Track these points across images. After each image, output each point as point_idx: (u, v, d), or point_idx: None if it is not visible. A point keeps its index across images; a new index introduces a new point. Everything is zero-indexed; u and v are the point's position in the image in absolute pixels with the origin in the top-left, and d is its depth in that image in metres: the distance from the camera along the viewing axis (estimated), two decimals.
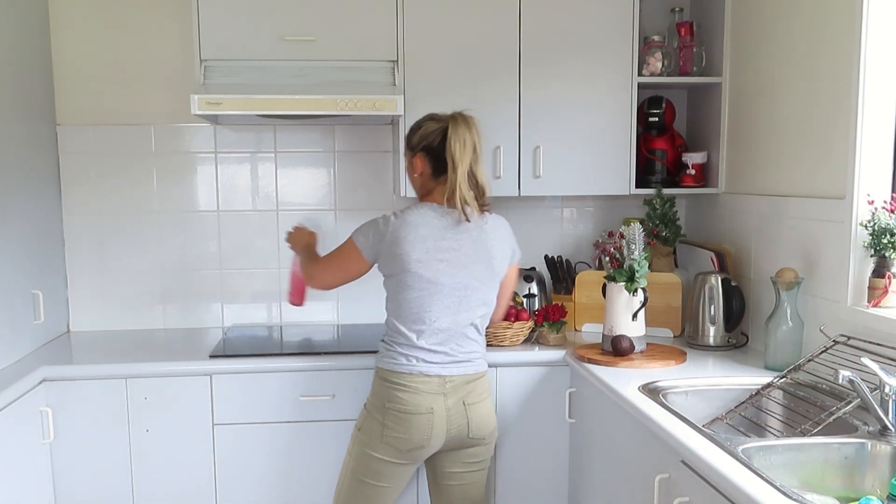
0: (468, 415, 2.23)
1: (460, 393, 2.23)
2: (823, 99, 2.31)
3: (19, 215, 2.62)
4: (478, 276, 2.23)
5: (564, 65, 2.82)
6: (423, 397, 2.18)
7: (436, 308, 2.19)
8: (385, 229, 2.19)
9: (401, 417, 2.18)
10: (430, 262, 2.17)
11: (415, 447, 2.20)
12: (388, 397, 2.20)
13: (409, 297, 2.20)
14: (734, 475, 1.55)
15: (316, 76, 2.73)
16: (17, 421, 2.31)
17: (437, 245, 2.17)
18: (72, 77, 2.98)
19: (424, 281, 2.17)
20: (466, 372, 2.24)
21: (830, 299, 2.26)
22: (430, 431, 2.19)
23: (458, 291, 2.20)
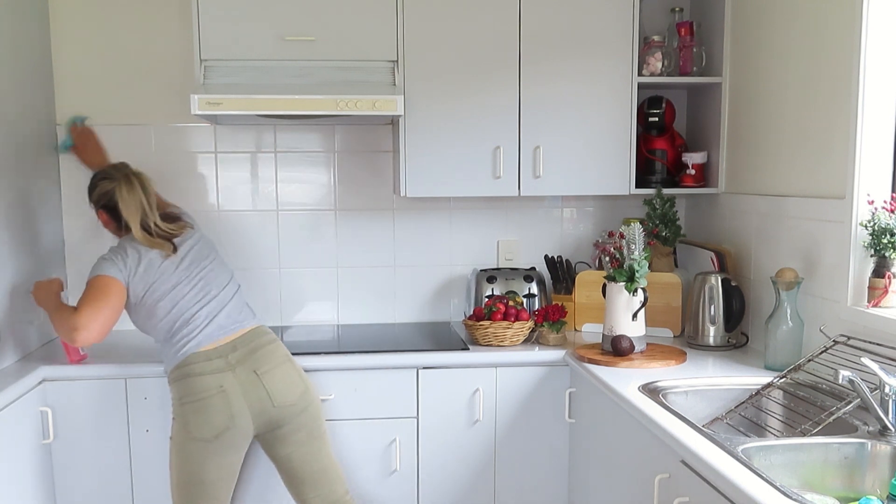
0: (264, 384, 2.29)
1: (249, 363, 2.30)
2: (823, 99, 2.31)
3: (19, 216, 2.62)
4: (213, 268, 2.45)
5: (564, 65, 2.82)
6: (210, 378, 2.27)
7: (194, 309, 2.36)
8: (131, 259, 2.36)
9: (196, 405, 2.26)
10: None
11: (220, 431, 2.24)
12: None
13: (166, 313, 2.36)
14: (734, 475, 1.55)
15: (316, 76, 2.73)
16: (17, 421, 2.31)
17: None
18: (72, 77, 2.98)
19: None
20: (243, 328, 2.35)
21: (830, 299, 2.26)
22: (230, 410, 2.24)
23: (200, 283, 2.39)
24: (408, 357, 2.64)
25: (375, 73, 2.76)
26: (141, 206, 2.40)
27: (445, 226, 3.20)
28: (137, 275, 2.34)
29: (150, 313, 2.35)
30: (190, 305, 2.34)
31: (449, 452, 2.69)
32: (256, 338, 2.36)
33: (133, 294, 2.34)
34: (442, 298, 3.23)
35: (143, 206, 2.40)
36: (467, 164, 2.83)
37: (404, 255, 3.19)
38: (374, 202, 3.16)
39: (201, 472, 2.27)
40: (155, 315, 2.35)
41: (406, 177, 2.83)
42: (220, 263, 2.50)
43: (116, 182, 2.41)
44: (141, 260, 2.35)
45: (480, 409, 2.68)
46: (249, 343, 2.34)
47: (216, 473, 2.28)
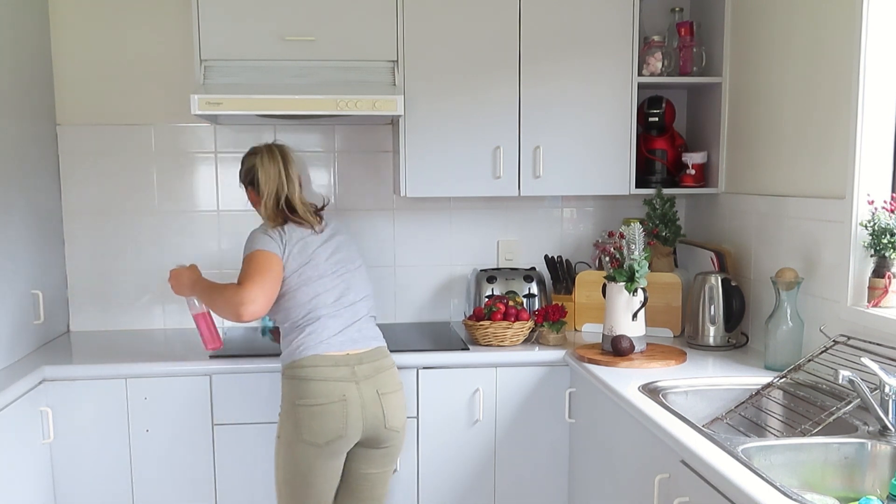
0: (383, 405, 2.28)
1: (373, 382, 2.27)
2: (823, 99, 2.31)
3: (19, 215, 2.62)
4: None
5: (564, 65, 2.82)
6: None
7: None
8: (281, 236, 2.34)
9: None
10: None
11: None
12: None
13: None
14: (734, 475, 1.55)
15: (316, 76, 2.73)
16: (17, 421, 2.31)
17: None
18: (72, 77, 2.98)
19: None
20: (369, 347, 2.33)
21: (830, 299, 2.26)
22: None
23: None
24: (408, 357, 2.64)
25: (375, 73, 2.76)
26: (279, 175, 2.36)
27: (445, 226, 3.20)
28: (292, 254, 2.31)
29: (289, 295, 2.30)
30: (327, 304, 2.30)
31: (449, 452, 2.69)
32: (381, 357, 2.34)
33: (284, 271, 2.30)
34: (442, 298, 3.23)
35: (280, 176, 2.36)
36: (467, 164, 2.83)
37: (404, 255, 3.19)
38: (374, 202, 3.16)
39: (309, 474, 2.25)
40: (293, 298, 2.30)
41: (406, 177, 2.83)
42: (365, 272, 2.46)
43: (259, 154, 2.40)
44: (296, 240, 2.33)
45: (480, 409, 2.68)
46: (375, 361, 2.31)
47: (322, 476, 2.27)
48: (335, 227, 2.46)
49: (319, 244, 2.36)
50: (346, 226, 2.57)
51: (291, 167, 2.40)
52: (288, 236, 2.33)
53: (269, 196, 2.36)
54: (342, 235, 2.45)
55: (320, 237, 2.38)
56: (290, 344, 2.31)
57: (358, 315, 2.35)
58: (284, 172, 2.38)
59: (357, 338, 2.31)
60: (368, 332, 2.36)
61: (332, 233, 2.42)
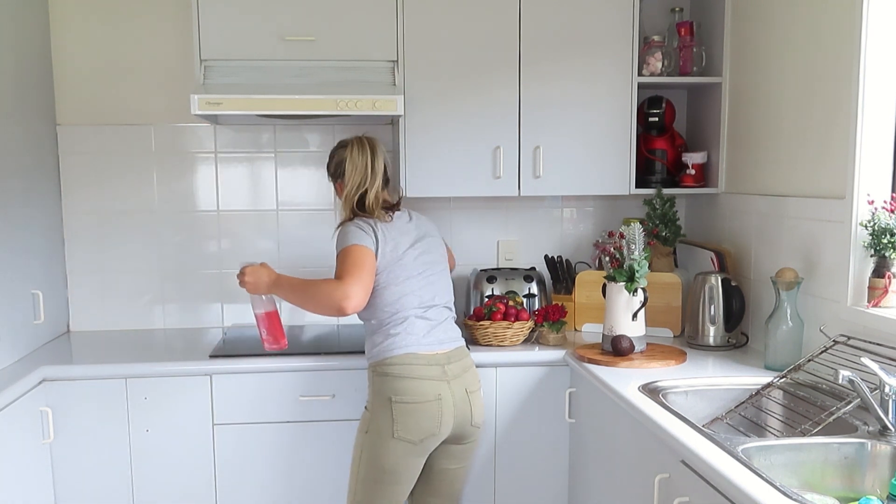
0: (471, 403, 2.31)
1: (462, 380, 2.30)
2: (823, 99, 2.31)
3: (19, 215, 2.62)
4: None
5: (564, 65, 2.82)
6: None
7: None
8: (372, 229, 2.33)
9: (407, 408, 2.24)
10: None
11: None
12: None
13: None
14: (734, 475, 1.55)
15: (316, 76, 2.73)
16: (17, 421, 2.31)
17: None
18: (72, 77, 2.98)
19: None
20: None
21: (830, 299, 2.26)
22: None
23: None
24: None
25: (375, 73, 2.76)
26: (365, 168, 2.34)
27: (445, 226, 3.20)
28: (385, 252, 2.30)
29: (377, 292, 2.30)
30: (415, 305, 2.31)
31: None
32: (465, 357, 2.36)
33: (378, 266, 2.30)
34: None
35: (366, 169, 2.34)
36: (467, 164, 2.83)
37: None
38: None
39: (396, 472, 2.25)
40: (381, 296, 2.30)
41: (406, 177, 2.83)
42: (448, 275, 2.47)
43: (349, 146, 2.38)
44: (389, 238, 2.32)
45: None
46: (461, 360, 2.34)
47: (408, 474, 2.28)
48: (426, 226, 2.45)
49: (409, 244, 2.36)
50: (435, 224, 2.52)
51: (378, 161, 2.37)
52: (381, 234, 2.31)
53: (353, 188, 2.35)
54: (432, 237, 2.44)
55: (409, 237, 2.37)
56: (379, 342, 2.30)
57: (443, 317, 2.36)
58: (371, 166, 2.36)
59: (444, 339, 2.33)
60: (453, 333, 2.37)
61: (422, 233, 2.41)
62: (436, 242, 2.46)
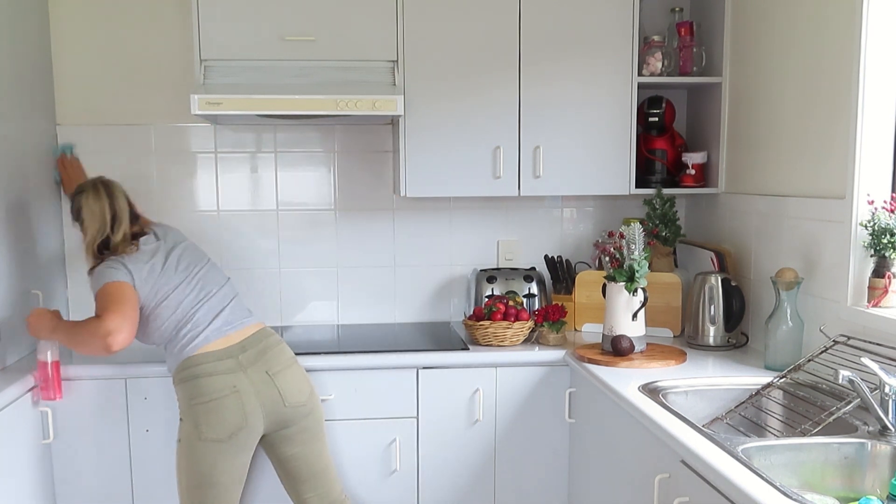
0: (277, 385, 2.29)
1: (261, 364, 2.30)
2: (823, 99, 2.31)
3: (19, 216, 2.62)
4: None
5: (564, 65, 2.82)
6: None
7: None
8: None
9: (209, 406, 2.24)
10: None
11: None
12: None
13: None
14: (734, 475, 1.55)
15: (316, 76, 2.73)
16: (18, 421, 2.31)
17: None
18: (72, 77, 2.98)
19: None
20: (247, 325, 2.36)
21: (830, 299, 2.26)
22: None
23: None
24: (408, 357, 2.64)
25: (375, 73, 2.76)
26: (103, 214, 2.33)
27: (445, 226, 3.20)
28: (143, 280, 2.31)
29: (154, 316, 2.32)
30: (193, 304, 2.33)
31: (449, 452, 2.69)
32: (265, 338, 2.36)
33: (140, 298, 2.31)
34: (442, 298, 3.23)
35: (104, 216, 2.33)
36: (467, 164, 2.83)
37: (404, 255, 3.19)
38: (374, 202, 3.16)
39: (213, 474, 2.24)
40: (159, 317, 2.32)
41: (406, 177, 2.83)
42: (215, 267, 2.50)
43: (83, 193, 2.37)
44: (141, 266, 2.32)
45: (480, 409, 2.68)
46: (258, 343, 2.34)
47: (228, 475, 2.27)
48: (174, 236, 2.47)
49: (163, 260, 2.36)
50: (179, 230, 2.55)
51: (118, 202, 2.37)
52: (133, 264, 2.30)
53: (94, 235, 2.33)
54: (178, 243, 2.45)
55: (162, 253, 2.37)
56: (171, 352, 2.33)
57: (224, 301, 2.39)
58: (111, 210, 2.35)
59: (231, 319, 2.35)
60: (240, 313, 2.39)
61: (168, 246, 2.41)
62: (189, 245, 2.48)
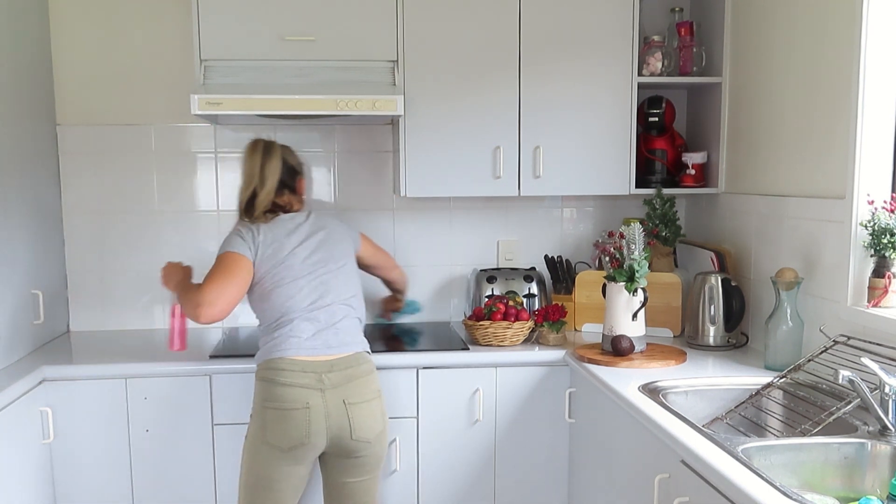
0: (349, 416, 2.21)
1: (341, 391, 2.22)
2: (823, 98, 2.31)
3: (19, 216, 2.62)
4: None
5: (564, 65, 2.82)
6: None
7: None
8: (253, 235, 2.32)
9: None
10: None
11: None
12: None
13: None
14: (734, 475, 1.55)
15: (316, 76, 2.73)
16: (17, 421, 2.31)
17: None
18: (72, 77, 2.98)
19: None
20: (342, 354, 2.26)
21: (830, 299, 2.26)
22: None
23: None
24: (408, 357, 2.64)
25: (375, 73, 2.76)
26: (252, 170, 2.34)
27: (445, 226, 3.20)
28: (265, 256, 2.27)
29: (264, 297, 2.28)
30: (302, 307, 2.26)
31: (449, 452, 2.69)
32: (356, 365, 2.27)
33: (256, 273, 2.27)
34: (442, 298, 3.23)
35: (253, 172, 2.34)
36: (467, 164, 2.83)
37: (404, 255, 3.19)
38: (374, 202, 3.16)
39: (271, 478, 2.23)
40: (267, 300, 2.28)
41: (406, 177, 2.83)
42: (346, 274, 2.36)
43: (247, 148, 2.39)
44: (271, 241, 2.29)
45: (480, 409, 2.68)
46: (347, 368, 2.24)
47: (285, 482, 2.24)
48: (320, 223, 2.39)
49: (296, 244, 2.31)
50: (343, 222, 2.51)
51: (270, 164, 2.35)
52: (263, 237, 2.29)
53: (242, 189, 2.37)
54: (326, 232, 2.37)
55: (297, 236, 2.32)
56: (263, 345, 2.30)
57: (335, 318, 2.28)
58: (260, 168, 2.35)
59: (332, 342, 2.26)
60: (346, 337, 2.29)
61: (312, 230, 2.35)
62: (334, 238, 2.37)
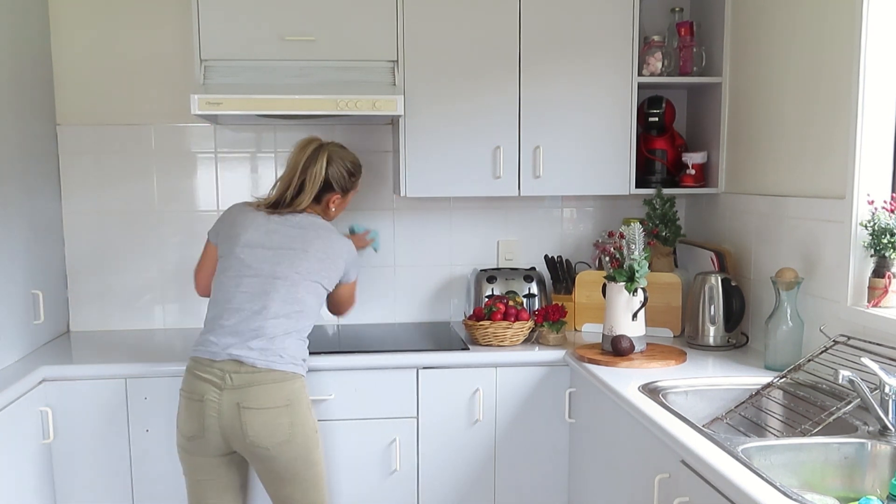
0: (241, 420, 2.16)
1: (238, 394, 2.17)
2: (823, 99, 2.31)
3: (19, 215, 2.62)
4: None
5: (564, 65, 2.82)
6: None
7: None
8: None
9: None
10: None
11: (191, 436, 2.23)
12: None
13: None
14: (734, 475, 1.55)
15: (316, 76, 2.73)
16: (17, 421, 2.31)
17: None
18: (72, 77, 2.98)
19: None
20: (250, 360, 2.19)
21: (830, 299, 2.26)
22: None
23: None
24: (408, 357, 2.64)
25: (375, 73, 2.76)
26: (294, 165, 2.40)
27: (445, 226, 3.20)
28: (219, 238, 2.38)
29: (214, 279, 2.37)
30: (235, 307, 2.25)
31: (449, 452, 2.69)
32: (262, 373, 2.18)
33: (218, 253, 2.38)
34: (442, 298, 3.23)
35: (296, 165, 2.40)
36: (467, 164, 2.83)
37: (404, 255, 3.19)
38: (374, 202, 3.16)
39: (185, 465, 2.31)
40: (214, 283, 2.35)
41: (406, 177, 2.83)
42: (306, 287, 2.27)
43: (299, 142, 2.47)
44: (235, 225, 2.35)
45: (480, 409, 2.68)
46: (254, 374, 2.18)
47: (187, 467, 2.30)
48: (306, 229, 2.32)
49: (260, 240, 2.30)
50: (348, 252, 2.41)
51: (313, 167, 2.39)
52: (231, 220, 2.36)
53: (278, 188, 2.42)
54: (303, 239, 2.29)
55: (271, 233, 2.30)
56: (199, 335, 2.33)
57: (268, 333, 2.21)
58: (300, 165, 2.40)
59: (248, 357, 2.18)
60: (265, 355, 2.19)
61: (294, 238, 2.30)
62: (313, 249, 2.29)
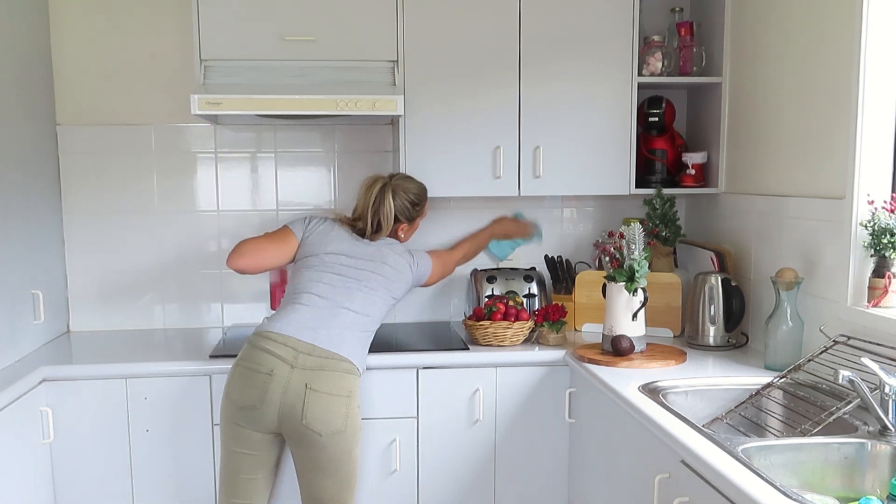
0: (305, 401, 2.25)
1: (308, 375, 2.26)
2: (823, 99, 2.31)
3: (19, 215, 2.62)
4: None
5: (564, 65, 2.82)
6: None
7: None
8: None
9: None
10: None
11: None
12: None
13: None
14: (734, 475, 1.55)
15: (316, 76, 2.73)
16: (17, 421, 2.31)
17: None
18: (72, 77, 2.98)
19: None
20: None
21: (830, 299, 2.26)
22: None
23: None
24: (408, 357, 2.64)
25: (375, 73, 2.76)
26: (364, 205, 2.55)
27: (445, 226, 3.20)
28: (309, 241, 2.51)
29: (294, 270, 2.51)
30: (317, 294, 2.40)
31: (449, 452, 2.69)
32: (336, 360, 2.30)
33: (299, 251, 2.52)
34: (442, 298, 3.23)
35: (366, 206, 2.54)
36: (467, 164, 2.83)
37: None
38: None
39: (223, 430, 2.34)
40: (296, 274, 2.49)
41: None
42: (380, 297, 2.47)
43: (366, 180, 2.62)
44: (326, 232, 2.53)
45: (480, 409, 2.68)
46: (326, 359, 2.29)
47: (229, 439, 2.32)
48: (389, 253, 2.53)
49: (346, 250, 2.49)
50: (408, 277, 2.58)
51: (382, 206, 2.53)
52: (323, 227, 2.54)
53: (356, 215, 2.61)
54: (384, 264, 2.50)
55: (356, 247, 2.50)
56: (273, 313, 2.43)
57: (340, 321, 2.37)
58: (372, 201, 2.54)
59: (324, 336, 2.32)
60: (340, 340, 2.34)
61: (373, 253, 2.51)
62: (384, 267, 2.50)
